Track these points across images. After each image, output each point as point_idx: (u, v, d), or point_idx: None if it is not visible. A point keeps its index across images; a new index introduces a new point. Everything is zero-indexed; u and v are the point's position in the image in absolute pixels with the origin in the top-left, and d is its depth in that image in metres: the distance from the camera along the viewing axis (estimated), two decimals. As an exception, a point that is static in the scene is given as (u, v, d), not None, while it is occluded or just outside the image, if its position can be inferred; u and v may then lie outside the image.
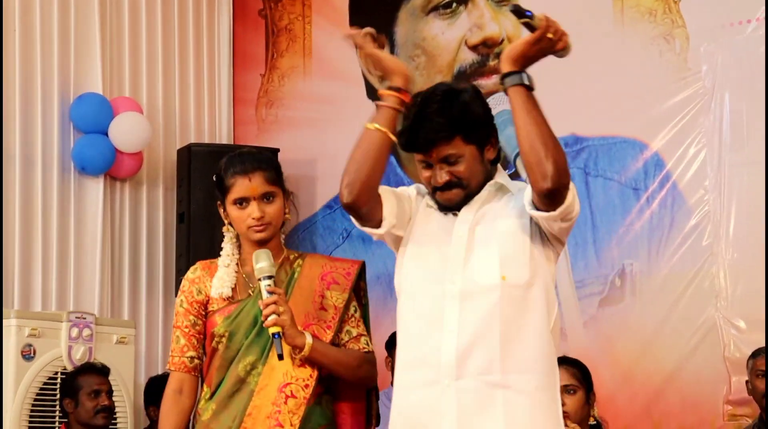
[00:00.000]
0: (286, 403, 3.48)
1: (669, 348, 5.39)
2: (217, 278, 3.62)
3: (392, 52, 6.60)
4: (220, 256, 3.66)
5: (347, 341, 3.59)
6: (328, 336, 3.54)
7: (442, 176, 3.12)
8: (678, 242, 5.59)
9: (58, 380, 5.56)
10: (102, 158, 6.28)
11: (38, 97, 6.17)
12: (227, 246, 3.67)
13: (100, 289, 6.31)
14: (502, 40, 6.16)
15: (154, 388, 6.09)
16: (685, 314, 5.49)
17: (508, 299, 3.03)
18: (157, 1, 6.85)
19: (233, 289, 3.61)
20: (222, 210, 3.65)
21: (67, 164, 6.30)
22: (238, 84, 7.25)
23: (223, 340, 3.55)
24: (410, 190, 3.29)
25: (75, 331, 5.66)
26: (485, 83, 6.23)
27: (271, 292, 3.37)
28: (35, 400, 5.51)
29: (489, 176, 3.18)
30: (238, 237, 3.65)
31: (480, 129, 3.13)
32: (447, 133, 3.08)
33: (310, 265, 3.64)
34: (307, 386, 3.50)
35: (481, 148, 3.15)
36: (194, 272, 3.67)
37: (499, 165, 3.23)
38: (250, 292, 3.59)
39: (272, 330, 3.33)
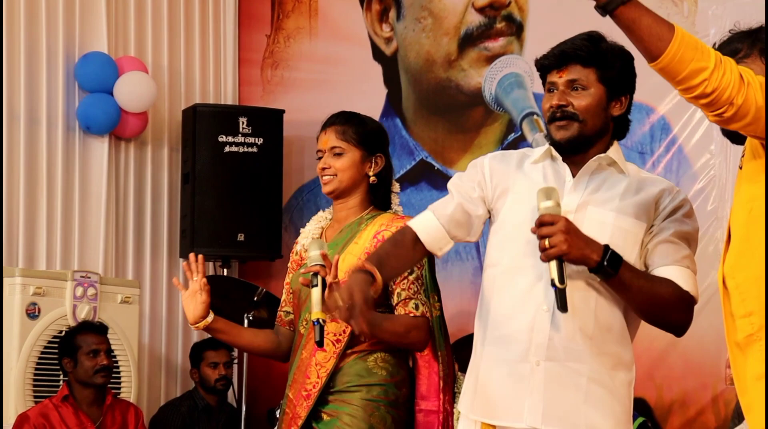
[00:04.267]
0: (314, 355, 3.54)
1: (672, 312, 5.38)
2: (304, 230, 3.79)
3: (398, 14, 6.56)
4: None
5: (396, 304, 3.56)
6: None
7: (561, 98, 3.01)
8: (683, 206, 5.57)
9: (63, 339, 5.58)
10: (107, 118, 6.27)
11: (43, 56, 6.15)
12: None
13: (104, 248, 6.31)
14: (509, 3, 6.12)
15: (197, 352, 6.19)
16: (689, 278, 5.48)
17: (605, 294, 2.99)
18: (163, -40, 6.83)
19: None
20: None
21: (71, 123, 6.29)
22: (243, 44, 7.21)
23: (292, 297, 3.74)
24: (478, 166, 3.19)
25: (80, 291, 5.67)
26: (491, 46, 6.20)
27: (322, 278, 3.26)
28: (39, 358, 5.53)
29: (605, 130, 3.09)
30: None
31: (618, 76, 3.07)
32: (585, 54, 3.02)
33: (373, 223, 3.67)
34: (338, 341, 3.55)
35: (610, 96, 3.07)
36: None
37: (616, 141, 3.13)
38: None
39: (314, 316, 3.23)
